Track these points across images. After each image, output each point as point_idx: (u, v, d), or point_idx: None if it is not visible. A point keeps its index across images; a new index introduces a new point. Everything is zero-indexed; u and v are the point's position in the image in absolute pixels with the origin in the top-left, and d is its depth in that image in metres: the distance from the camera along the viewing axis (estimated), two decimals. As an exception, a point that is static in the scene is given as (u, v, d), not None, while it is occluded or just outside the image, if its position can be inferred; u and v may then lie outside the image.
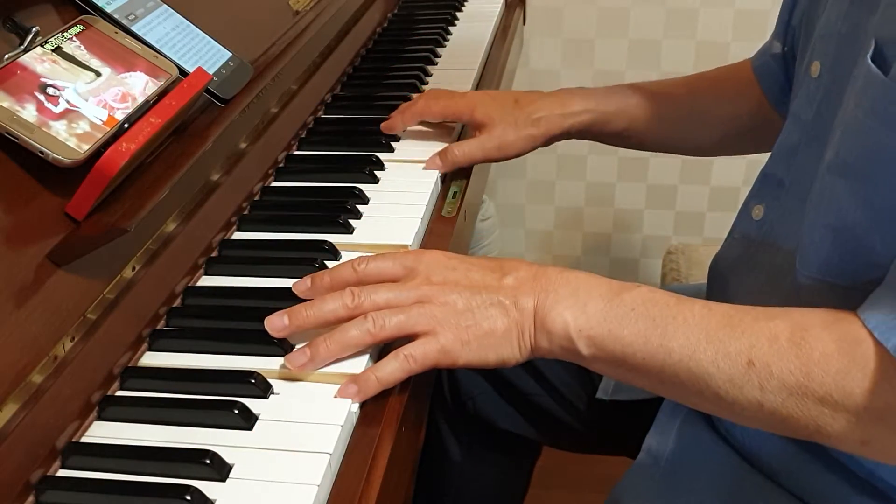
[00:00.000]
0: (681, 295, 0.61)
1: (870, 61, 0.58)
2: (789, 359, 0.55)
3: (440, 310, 0.61)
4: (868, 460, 0.64)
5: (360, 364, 0.61)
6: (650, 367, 0.59)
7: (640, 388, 0.64)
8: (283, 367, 0.61)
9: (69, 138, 0.59)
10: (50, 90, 0.61)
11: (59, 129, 0.59)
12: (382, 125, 0.94)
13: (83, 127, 0.60)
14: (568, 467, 1.33)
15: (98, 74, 0.65)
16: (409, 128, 0.95)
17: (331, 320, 0.62)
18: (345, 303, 0.62)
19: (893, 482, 0.64)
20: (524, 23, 1.53)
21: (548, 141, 0.93)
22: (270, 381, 0.60)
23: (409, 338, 0.61)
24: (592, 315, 0.60)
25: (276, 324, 0.62)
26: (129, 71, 0.68)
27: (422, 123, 0.96)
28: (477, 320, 0.61)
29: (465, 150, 0.89)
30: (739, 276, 0.78)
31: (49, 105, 0.60)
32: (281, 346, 0.62)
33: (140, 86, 0.67)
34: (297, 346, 0.63)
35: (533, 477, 1.12)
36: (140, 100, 0.66)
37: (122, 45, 0.69)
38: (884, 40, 0.58)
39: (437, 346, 0.60)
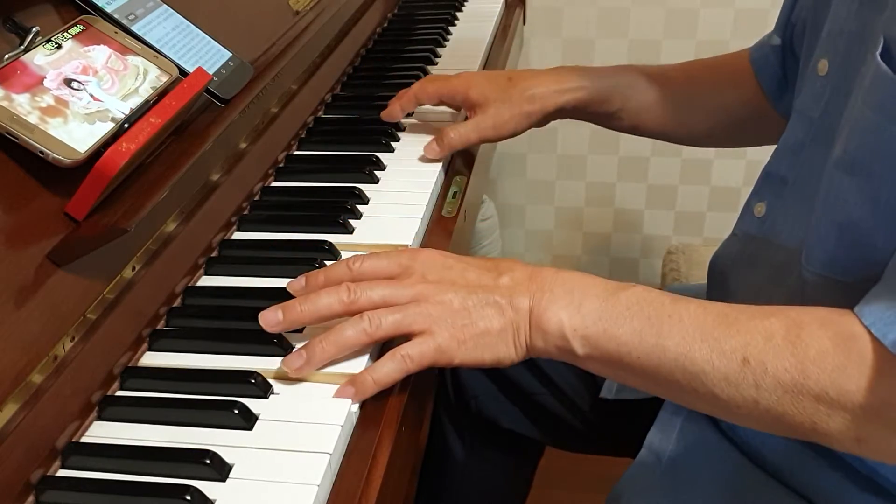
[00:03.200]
0: (676, 294, 0.61)
1: (879, 58, 0.58)
2: (785, 356, 0.55)
3: (436, 309, 0.61)
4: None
5: (359, 363, 0.61)
6: (645, 367, 0.59)
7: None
8: (279, 369, 0.60)
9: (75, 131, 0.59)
10: (75, 84, 0.61)
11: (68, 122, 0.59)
12: (382, 113, 0.94)
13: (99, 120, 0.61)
14: (569, 467, 1.32)
15: (59, 47, 0.64)
16: (411, 120, 0.95)
17: (326, 315, 0.61)
18: (340, 298, 0.61)
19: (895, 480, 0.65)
20: (524, 23, 1.53)
21: (543, 118, 0.92)
22: (270, 381, 0.60)
23: (405, 337, 0.61)
24: (587, 314, 0.60)
25: (270, 318, 0.62)
26: (93, 44, 0.66)
27: (423, 121, 0.96)
28: (473, 319, 0.61)
29: (461, 131, 0.88)
30: (739, 273, 0.78)
31: (72, 98, 0.60)
32: (281, 346, 0.62)
33: (102, 59, 0.66)
34: (296, 347, 0.62)
35: (534, 477, 1.12)
36: (102, 73, 0.65)
37: (120, 45, 0.69)
38: (892, 38, 0.58)
39: (433, 345, 0.60)
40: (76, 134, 0.59)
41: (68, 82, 0.62)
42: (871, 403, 0.53)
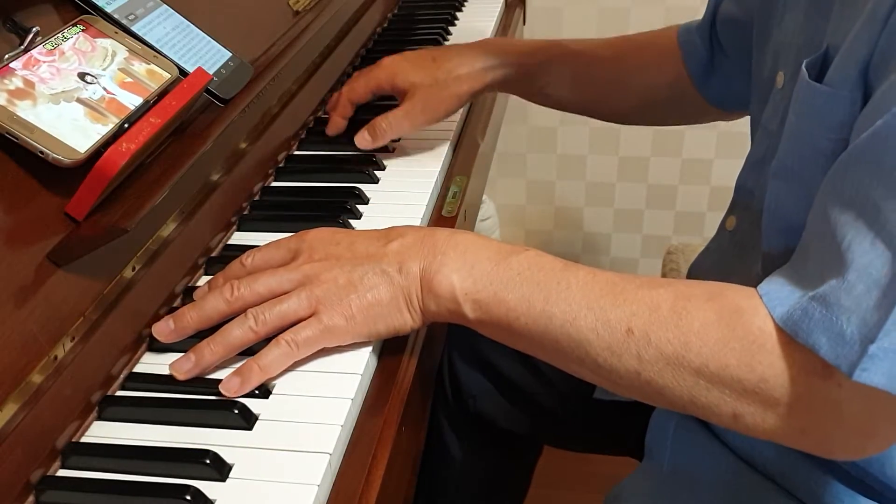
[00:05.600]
0: (569, 261, 0.60)
1: (804, 65, 0.58)
2: (668, 328, 0.54)
3: (321, 288, 0.60)
4: (862, 460, 0.64)
5: (359, 363, 0.61)
6: (532, 333, 0.58)
7: None
8: (170, 373, 0.60)
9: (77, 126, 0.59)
10: (88, 78, 0.62)
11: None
12: (327, 129, 0.94)
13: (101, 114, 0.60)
14: (568, 467, 1.32)
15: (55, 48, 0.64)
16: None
17: (215, 318, 0.61)
18: (225, 297, 0.61)
19: (886, 481, 0.64)
20: (524, 23, 1.53)
21: (473, 96, 0.92)
22: (271, 380, 0.60)
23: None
24: (479, 278, 0.59)
25: (162, 329, 0.61)
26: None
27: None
28: (360, 293, 0.60)
29: (391, 120, 0.88)
30: None
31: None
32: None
33: (70, 41, 0.65)
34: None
35: (533, 476, 1.12)
36: (69, 53, 0.64)
37: (93, 28, 0.68)
38: (834, 46, 0.58)
39: (319, 327, 0.59)
40: (44, 116, 0.58)
41: (82, 76, 0.62)
42: (749, 378, 0.52)
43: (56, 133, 0.58)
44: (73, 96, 0.62)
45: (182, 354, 0.60)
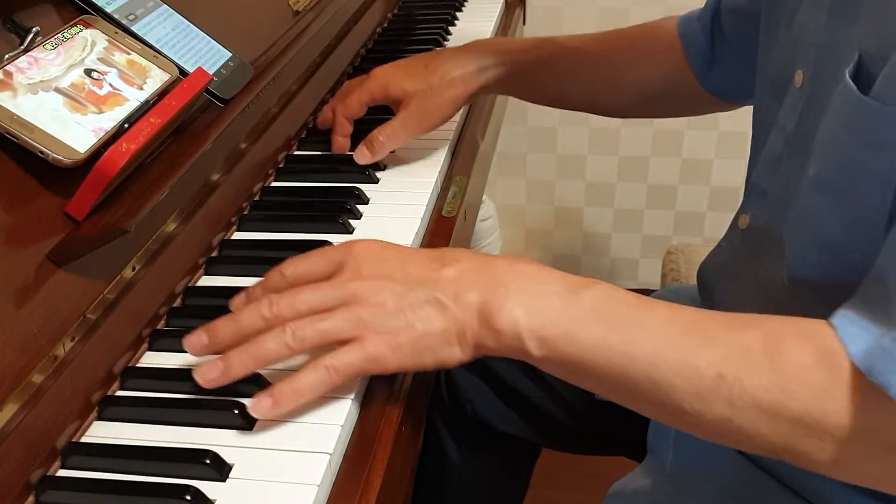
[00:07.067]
0: (642, 295, 0.57)
1: (848, 77, 0.56)
2: (764, 373, 0.50)
3: (368, 312, 0.56)
4: None
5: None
6: (608, 374, 0.54)
7: None
8: (195, 378, 0.57)
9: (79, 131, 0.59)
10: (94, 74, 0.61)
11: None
12: (334, 149, 0.91)
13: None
14: (568, 467, 1.33)
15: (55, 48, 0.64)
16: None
17: (251, 334, 0.57)
18: (262, 314, 0.57)
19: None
20: (524, 23, 1.53)
21: (468, 99, 0.90)
22: (271, 381, 0.60)
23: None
24: (546, 313, 0.55)
25: (194, 343, 0.58)
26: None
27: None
28: (410, 321, 0.56)
29: (389, 132, 0.86)
30: (724, 284, 0.77)
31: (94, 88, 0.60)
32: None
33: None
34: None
35: (533, 477, 1.12)
36: (48, 44, 0.64)
37: (119, 45, 0.69)
38: (866, 53, 0.56)
39: (362, 353, 0.55)
40: (24, 107, 0.58)
41: (88, 72, 0.62)
42: (853, 426, 0.49)
43: (54, 132, 0.58)
44: (50, 86, 0.61)
45: (208, 360, 0.57)
